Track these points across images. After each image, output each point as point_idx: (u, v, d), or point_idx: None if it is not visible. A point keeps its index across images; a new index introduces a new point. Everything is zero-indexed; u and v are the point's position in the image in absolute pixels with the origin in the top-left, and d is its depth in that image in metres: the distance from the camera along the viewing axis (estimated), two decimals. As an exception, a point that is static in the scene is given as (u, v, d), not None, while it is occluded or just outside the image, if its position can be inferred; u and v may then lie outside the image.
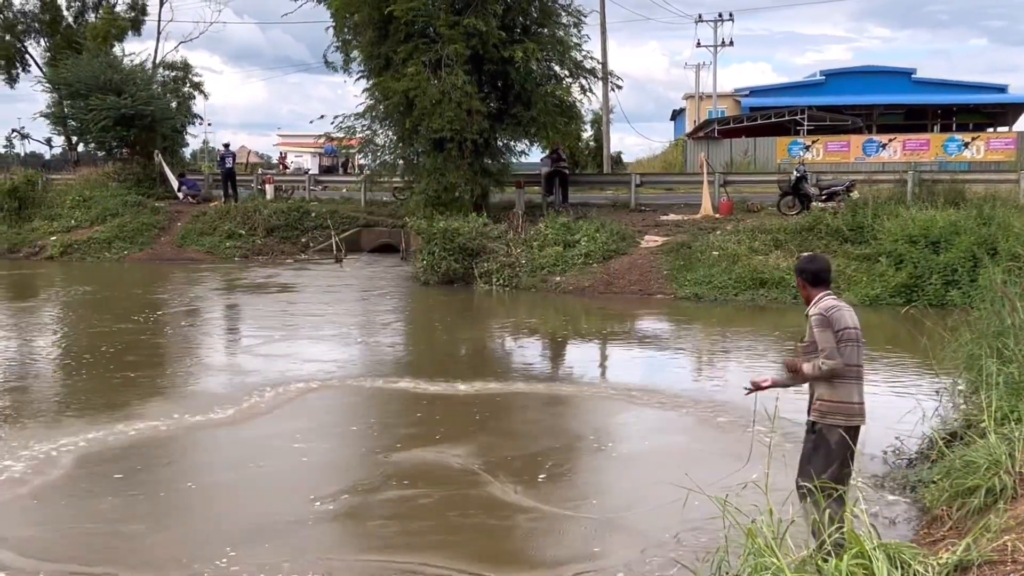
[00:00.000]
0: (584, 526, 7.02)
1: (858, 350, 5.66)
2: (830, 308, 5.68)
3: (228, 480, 8.11)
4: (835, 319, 5.63)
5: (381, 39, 23.57)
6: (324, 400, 10.97)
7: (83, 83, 32.23)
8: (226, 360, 14.02)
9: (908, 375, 11.81)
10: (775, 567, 4.31)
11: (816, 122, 41.41)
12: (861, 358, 5.70)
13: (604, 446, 9.10)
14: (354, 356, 13.86)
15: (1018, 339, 8.05)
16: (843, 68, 53.20)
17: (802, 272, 5.92)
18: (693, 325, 17.01)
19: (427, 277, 21.29)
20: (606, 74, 28.81)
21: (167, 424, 9.57)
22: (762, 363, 12.67)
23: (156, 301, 19.27)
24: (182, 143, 38.72)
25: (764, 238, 20.25)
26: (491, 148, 24.90)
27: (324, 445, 9.16)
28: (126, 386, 11.55)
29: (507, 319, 18.01)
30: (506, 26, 23.12)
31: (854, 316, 5.72)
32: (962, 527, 5.60)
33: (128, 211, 29.67)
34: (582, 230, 22.08)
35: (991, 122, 48.65)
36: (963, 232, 17.65)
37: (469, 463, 8.35)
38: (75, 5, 47.46)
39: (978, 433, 6.81)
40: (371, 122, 25.08)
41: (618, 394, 11.19)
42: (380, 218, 28.72)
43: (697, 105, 52.72)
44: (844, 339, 5.60)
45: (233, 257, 27.02)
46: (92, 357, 13.34)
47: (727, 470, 6.27)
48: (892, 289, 17.59)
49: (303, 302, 19.30)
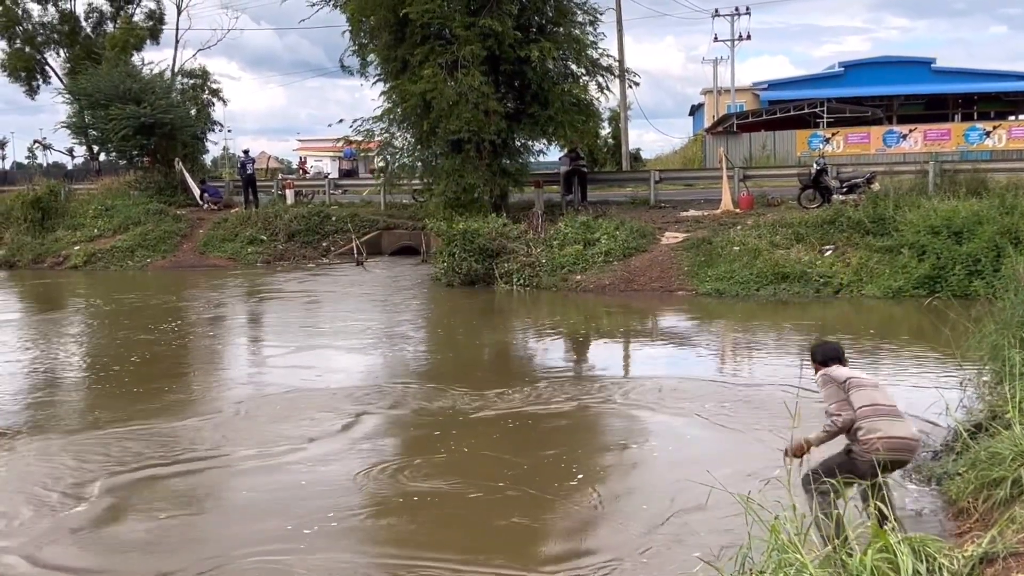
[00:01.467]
0: (605, 521, 7.02)
1: (876, 392, 5.81)
2: (829, 369, 6.00)
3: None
4: (835, 374, 5.91)
5: (397, 42, 23.63)
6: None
7: (103, 93, 32.50)
8: (249, 371, 14.03)
9: (932, 367, 11.72)
10: (799, 563, 4.30)
11: (836, 114, 41.13)
12: (887, 399, 5.83)
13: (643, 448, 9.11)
14: (380, 366, 13.65)
15: (1043, 329, 7.99)
16: (862, 59, 52.87)
17: (812, 354, 6.31)
18: (717, 322, 16.98)
19: (448, 279, 21.31)
20: (623, 71, 28.71)
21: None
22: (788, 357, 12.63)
23: (180, 310, 19.31)
24: (202, 150, 38.97)
25: (785, 232, 20.14)
26: (509, 148, 24.92)
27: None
28: (149, 399, 11.55)
29: (531, 320, 17.95)
30: (522, 26, 23.14)
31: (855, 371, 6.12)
32: (988, 519, 5.57)
33: (150, 219, 29.87)
34: (602, 228, 22.04)
35: (1012, 110, 48.25)
36: (986, 222, 17.51)
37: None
38: (94, 16, 47.97)
39: (1003, 424, 6.77)
40: (389, 125, 25.17)
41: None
42: (400, 220, 28.78)
43: (715, 100, 52.53)
44: (853, 386, 5.79)
45: (255, 263, 27.16)
46: (118, 367, 13.40)
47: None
48: (915, 280, 17.47)
49: (327, 308, 19.33)
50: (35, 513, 7.41)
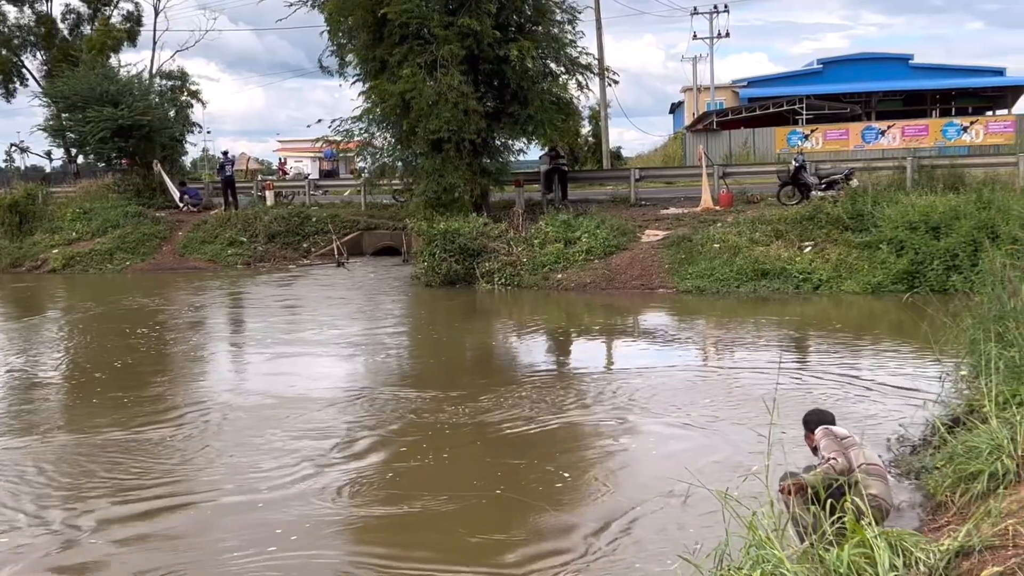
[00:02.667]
0: (586, 520, 7.03)
1: (859, 451, 5.95)
2: (825, 431, 6.15)
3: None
4: (833, 433, 6.11)
5: (376, 42, 23.55)
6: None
7: (80, 95, 32.28)
8: (235, 379, 13.89)
9: (911, 362, 11.79)
10: (776, 559, 4.31)
11: (815, 111, 41.29)
12: (872, 457, 6.10)
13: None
14: (362, 372, 13.37)
15: (1019, 323, 8.04)
16: (840, 56, 53.08)
17: (807, 423, 6.43)
18: (697, 319, 17.03)
19: (428, 279, 21.28)
20: (603, 69, 28.71)
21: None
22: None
23: (158, 314, 19.04)
24: (181, 152, 38.74)
25: (765, 229, 20.23)
26: (489, 147, 24.87)
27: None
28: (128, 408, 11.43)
29: (513, 320, 17.91)
30: (500, 25, 23.09)
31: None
32: (966, 512, 5.59)
33: (129, 222, 29.72)
34: (582, 227, 22.08)
35: (990, 105, 48.55)
36: (963, 217, 17.63)
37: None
38: (70, 18, 47.65)
39: (980, 418, 6.81)
40: (368, 125, 25.07)
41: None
42: (381, 221, 28.72)
43: (695, 98, 52.61)
44: (840, 446, 5.95)
45: (235, 265, 27.06)
46: (89, 375, 13.29)
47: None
48: (894, 276, 17.59)
49: (307, 311, 19.09)
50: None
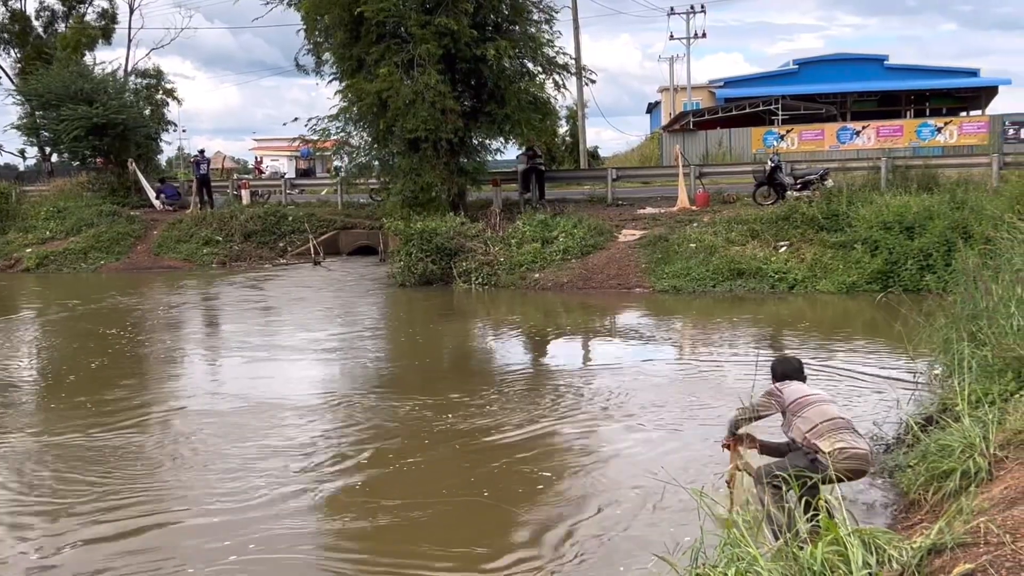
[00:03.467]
0: (563, 522, 7.04)
1: (827, 407, 5.96)
2: (776, 386, 6.19)
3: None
4: (780, 392, 6.09)
5: (352, 41, 23.50)
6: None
7: (54, 93, 32.04)
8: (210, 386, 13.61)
9: (885, 361, 11.87)
10: (750, 556, 4.33)
11: (790, 111, 41.48)
12: (835, 412, 5.97)
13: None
14: (338, 376, 13.11)
15: (991, 322, 8.11)
16: (816, 57, 53.27)
17: (772, 370, 6.44)
18: (674, 319, 17.08)
19: (404, 279, 21.26)
20: (579, 69, 28.80)
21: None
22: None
23: (131, 315, 18.78)
24: (156, 151, 38.49)
25: (741, 229, 20.34)
26: (466, 147, 24.88)
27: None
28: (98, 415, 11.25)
29: (490, 321, 17.88)
30: (478, 24, 23.09)
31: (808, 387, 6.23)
32: (938, 510, 5.64)
33: (103, 221, 29.56)
34: (560, 226, 22.13)
35: (964, 106, 48.88)
36: (937, 217, 17.79)
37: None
38: (45, 15, 47.24)
39: (953, 417, 6.87)
40: (345, 124, 25.02)
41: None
42: (358, 220, 28.67)
43: (672, 98, 52.75)
44: (808, 403, 5.94)
45: (210, 264, 26.94)
46: (69, 377, 13.09)
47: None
48: (868, 276, 17.72)
49: (282, 312, 18.84)
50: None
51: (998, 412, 6.35)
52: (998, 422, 6.18)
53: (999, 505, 4.96)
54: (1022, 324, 7.68)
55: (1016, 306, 7.93)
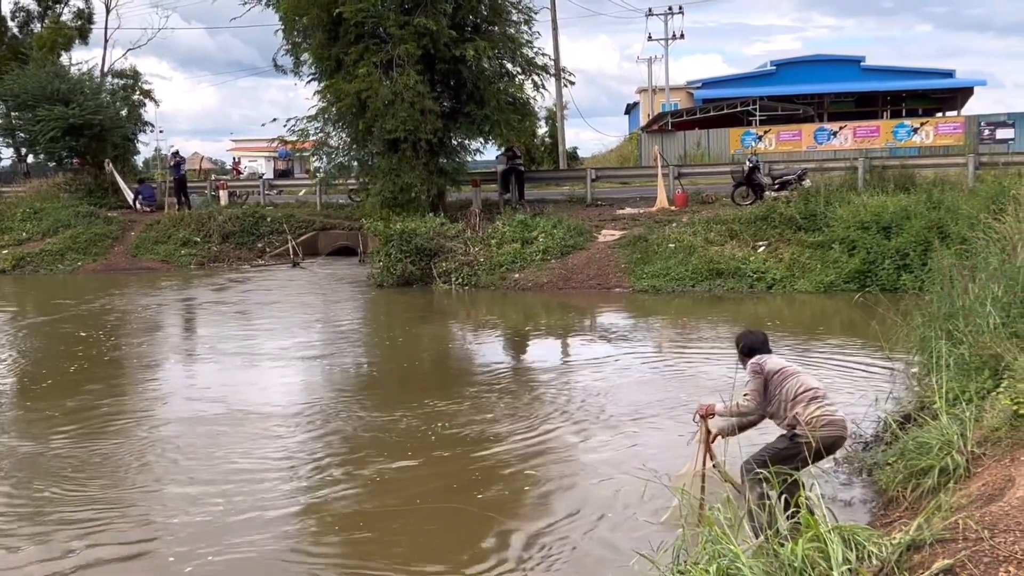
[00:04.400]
0: (544, 523, 7.05)
1: (804, 377, 6.16)
2: (757, 359, 6.28)
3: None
4: (763, 365, 6.21)
5: (331, 41, 23.45)
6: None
7: (30, 94, 31.81)
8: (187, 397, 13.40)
9: (863, 359, 11.93)
10: (732, 554, 4.36)
11: (768, 112, 41.68)
12: (813, 383, 6.16)
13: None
14: (318, 382, 12.69)
15: (968, 321, 8.18)
16: (793, 58, 53.54)
17: (736, 345, 6.59)
18: (653, 318, 17.10)
19: (383, 279, 21.22)
20: (559, 70, 28.79)
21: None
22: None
23: (106, 317, 18.52)
24: (133, 151, 38.37)
25: (719, 229, 20.42)
26: (446, 147, 24.87)
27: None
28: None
29: (470, 322, 17.83)
30: (457, 25, 23.10)
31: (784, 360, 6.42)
32: (917, 507, 5.69)
33: (80, 222, 29.36)
34: (539, 227, 22.16)
35: (939, 107, 49.25)
36: (914, 217, 17.92)
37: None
38: (20, 15, 46.90)
39: (931, 414, 6.92)
40: (324, 124, 24.97)
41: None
42: (337, 221, 28.62)
43: (650, 98, 52.90)
44: (786, 374, 6.14)
45: (189, 265, 26.80)
46: (38, 383, 12.85)
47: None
48: (846, 275, 17.83)
49: (260, 315, 18.55)
50: None
51: (975, 409, 6.41)
52: (975, 419, 6.25)
53: (977, 501, 5.01)
54: (998, 322, 7.75)
55: (992, 304, 8.01)
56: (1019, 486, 4.94)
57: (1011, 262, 9.16)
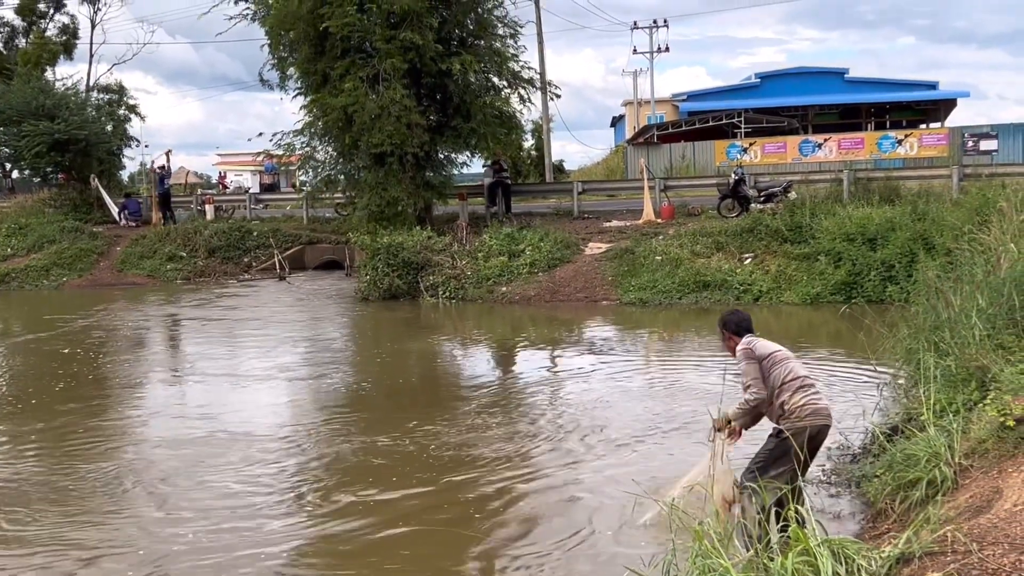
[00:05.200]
0: (534, 539, 7.04)
1: (793, 364, 6.12)
2: (749, 341, 6.21)
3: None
4: (756, 348, 6.15)
5: (317, 55, 23.46)
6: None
7: (15, 109, 31.79)
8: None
9: (850, 371, 11.96)
10: (722, 568, 4.36)
11: (753, 124, 41.87)
12: (801, 370, 6.14)
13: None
14: (305, 401, 12.39)
15: (954, 333, 8.21)
16: (777, 70, 53.79)
17: (726, 324, 6.46)
18: (641, 331, 17.11)
19: (369, 292, 21.20)
20: (544, 84, 28.87)
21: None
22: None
23: (89, 335, 18.30)
24: (119, 166, 38.29)
25: (706, 241, 20.47)
26: (432, 161, 24.90)
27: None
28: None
29: (458, 336, 17.74)
30: (443, 39, 23.15)
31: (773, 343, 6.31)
32: (905, 520, 5.69)
33: (66, 237, 29.26)
34: (526, 240, 22.18)
35: (923, 118, 49.52)
36: (899, 228, 18.00)
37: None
38: (5, 31, 46.88)
39: (918, 426, 6.94)
40: (310, 138, 24.96)
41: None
42: (323, 235, 28.58)
43: (636, 111, 53.07)
44: (776, 360, 6.09)
45: (175, 280, 26.70)
46: (13, 404, 12.61)
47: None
48: (832, 287, 17.89)
49: (246, 331, 18.32)
50: None
51: (962, 421, 6.42)
52: (962, 431, 6.26)
53: (965, 514, 5.03)
54: (984, 334, 7.78)
55: (977, 316, 8.04)
56: (1007, 498, 4.96)
57: (996, 273, 9.21)
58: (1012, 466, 5.45)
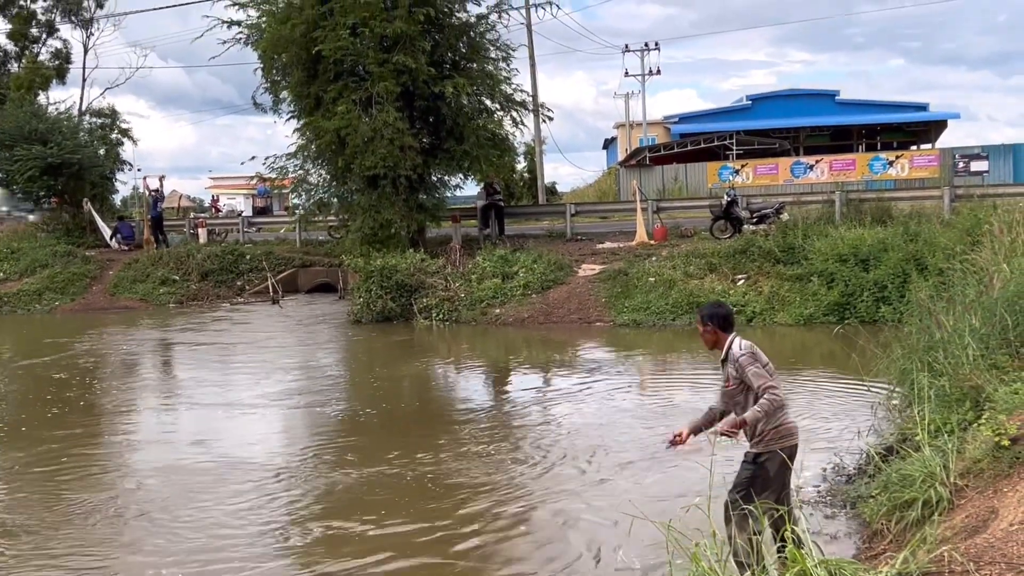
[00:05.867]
0: (537, 565, 7.00)
1: (778, 380, 5.93)
2: (751, 345, 6.01)
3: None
4: (759, 355, 5.95)
5: (310, 79, 23.53)
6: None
7: (7, 134, 31.80)
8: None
9: (844, 392, 11.96)
10: (720, 590, 4.35)
11: (745, 146, 42.06)
12: (781, 386, 5.96)
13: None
14: (298, 428, 12.18)
15: (947, 353, 8.23)
16: (769, 92, 54.07)
17: (712, 317, 6.15)
18: (635, 352, 17.07)
19: (361, 315, 21.17)
20: (537, 106, 28.99)
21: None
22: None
23: (85, 359, 18.16)
24: (111, 190, 38.32)
25: (698, 262, 20.51)
26: (425, 183, 24.95)
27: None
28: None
29: (451, 359, 17.64)
30: (435, 62, 23.23)
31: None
32: (901, 540, 5.69)
33: (58, 261, 29.22)
34: (519, 261, 22.19)
35: (914, 140, 49.79)
36: (891, 249, 18.05)
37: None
38: (-3, 56, 46.96)
39: (913, 446, 6.94)
40: (303, 161, 24.99)
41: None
42: (317, 258, 28.58)
43: (628, 133, 53.24)
44: (768, 373, 5.89)
45: (167, 304, 26.63)
46: (24, 427, 12.54)
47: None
48: (825, 308, 17.91)
49: (238, 357, 18.07)
50: None
51: (957, 441, 6.43)
52: (958, 451, 6.27)
53: (961, 533, 5.02)
54: (977, 354, 7.80)
55: (971, 336, 8.06)
56: (1003, 518, 4.96)
57: (988, 294, 9.24)
58: (1008, 486, 5.45)
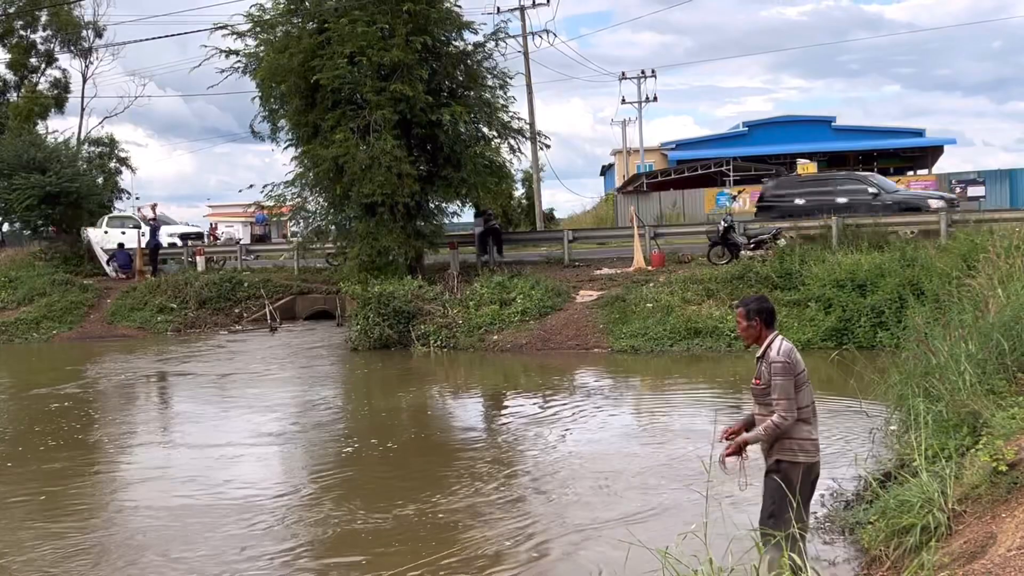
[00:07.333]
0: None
1: (809, 389, 5.85)
2: (790, 351, 5.79)
3: None
4: (796, 362, 5.76)
5: (308, 107, 23.64)
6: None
7: (6, 163, 31.95)
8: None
9: (842, 418, 11.92)
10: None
11: (741, 172, 42.19)
12: (812, 396, 5.88)
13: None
14: (296, 463, 11.75)
15: (944, 379, 8.22)
16: (765, 119, 54.32)
17: (761, 312, 5.90)
18: (633, 379, 17.08)
19: (359, 342, 21.15)
20: (534, 133, 29.10)
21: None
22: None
23: (80, 391, 17.86)
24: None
25: (696, 288, 20.52)
26: (423, 210, 25.01)
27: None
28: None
29: (449, 387, 17.56)
30: (433, 90, 23.34)
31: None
32: (900, 566, 5.68)
33: (56, 290, 29.19)
34: (517, 288, 22.20)
35: (910, 165, 49.91)
36: (888, 274, 18.07)
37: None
38: (-4, 85, 47.11)
39: (911, 472, 6.92)
40: (301, 189, 25.07)
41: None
42: (315, 285, 28.62)
43: (625, 160, 53.45)
44: (801, 381, 5.77)
45: (165, 331, 26.61)
46: (10, 462, 12.39)
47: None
48: (823, 333, 17.90)
49: (235, 387, 17.71)
50: None
51: (955, 467, 6.42)
52: (955, 476, 6.25)
53: (959, 559, 5.01)
54: (974, 379, 7.79)
55: (967, 361, 8.06)
56: (1001, 543, 4.94)
57: (985, 319, 9.25)
58: (1006, 511, 5.44)
